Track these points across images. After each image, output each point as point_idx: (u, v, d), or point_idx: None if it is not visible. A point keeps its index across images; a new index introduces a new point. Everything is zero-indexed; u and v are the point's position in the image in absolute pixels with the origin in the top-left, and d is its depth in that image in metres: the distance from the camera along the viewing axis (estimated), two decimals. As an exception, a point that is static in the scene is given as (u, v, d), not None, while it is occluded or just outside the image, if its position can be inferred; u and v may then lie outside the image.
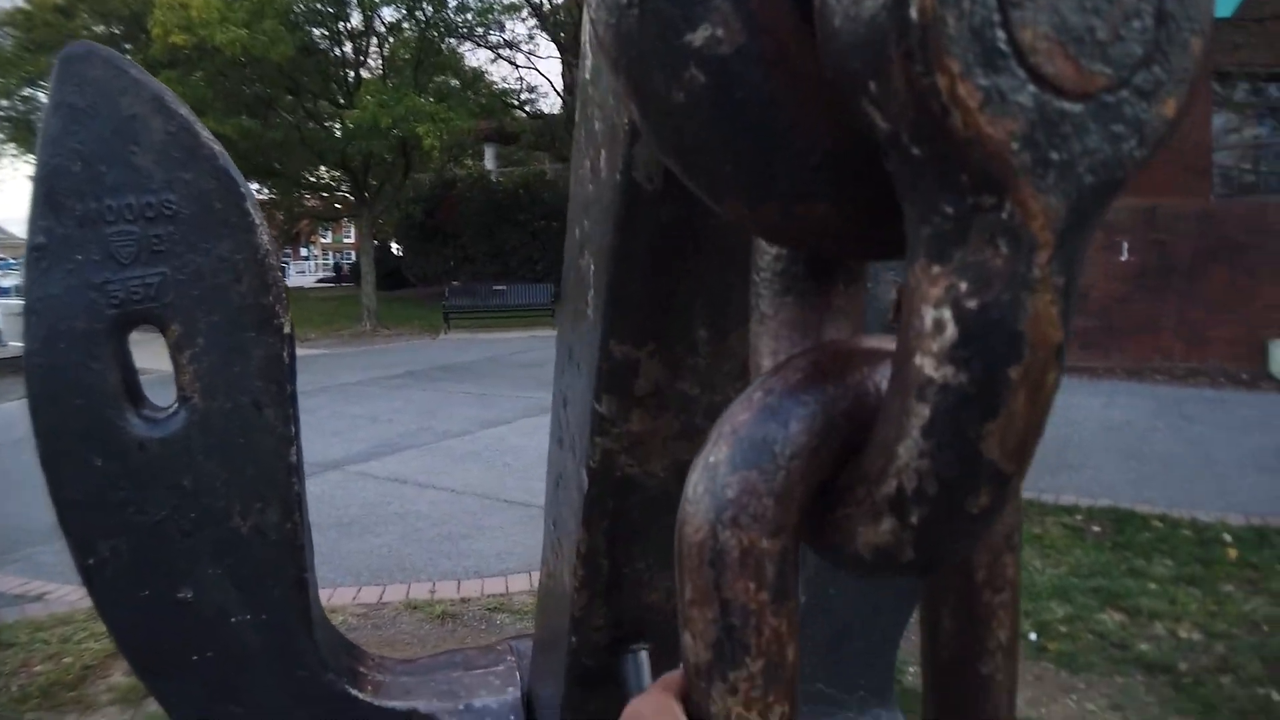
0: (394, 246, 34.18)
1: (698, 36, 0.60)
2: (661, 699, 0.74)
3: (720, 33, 0.60)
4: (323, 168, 25.65)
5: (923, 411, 0.57)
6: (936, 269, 0.54)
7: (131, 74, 1.94)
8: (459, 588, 5.27)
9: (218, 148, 2.08)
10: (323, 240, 58.89)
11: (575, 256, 1.53)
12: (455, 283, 22.23)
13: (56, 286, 2.08)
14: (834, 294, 0.79)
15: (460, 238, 26.36)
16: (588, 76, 1.27)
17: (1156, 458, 8.28)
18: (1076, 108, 0.50)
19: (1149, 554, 5.78)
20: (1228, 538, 6.04)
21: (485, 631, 4.63)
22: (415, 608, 4.92)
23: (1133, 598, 5.05)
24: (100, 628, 4.03)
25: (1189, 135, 12.13)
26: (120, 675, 3.91)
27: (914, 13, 0.47)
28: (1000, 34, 0.48)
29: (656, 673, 2.01)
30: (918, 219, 0.55)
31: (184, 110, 2.02)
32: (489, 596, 5.13)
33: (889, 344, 0.70)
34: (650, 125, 0.68)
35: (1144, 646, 4.52)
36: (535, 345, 17.10)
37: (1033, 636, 4.65)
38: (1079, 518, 6.56)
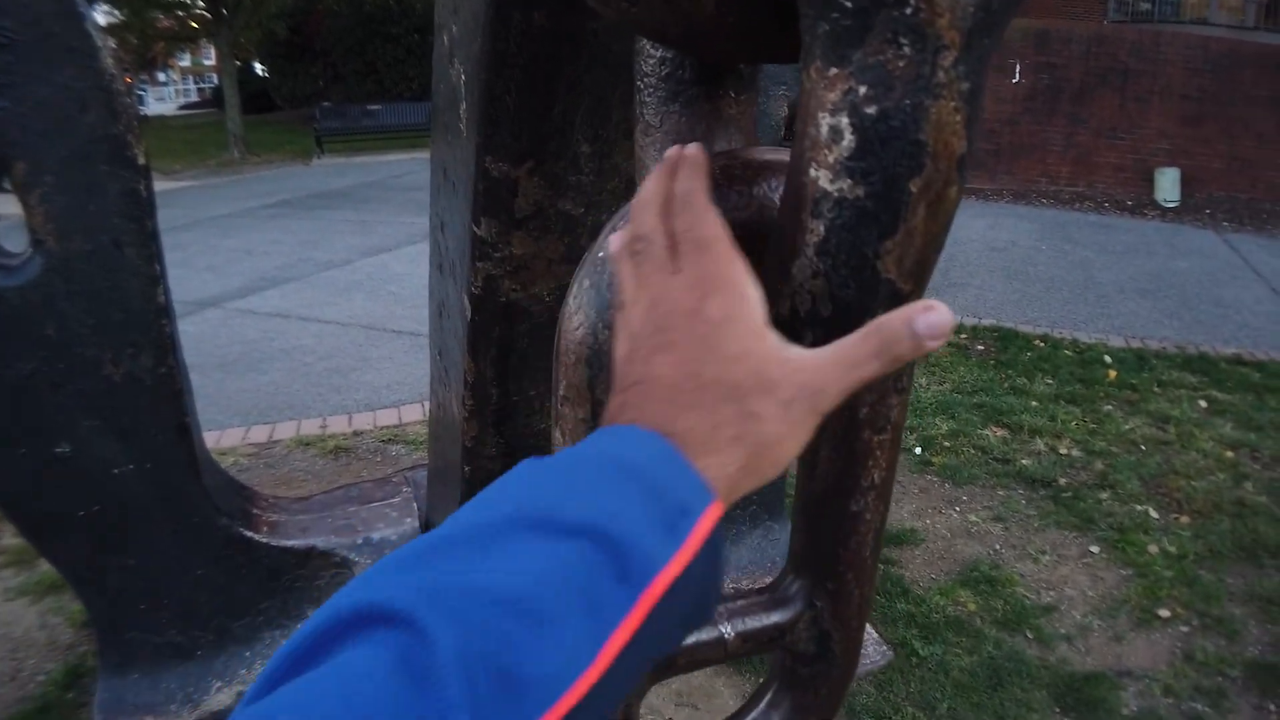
0: (258, 67, 32.28)
1: None
2: (730, 275, 0.54)
3: None
4: (175, -19, 23.79)
5: (818, 228, 0.52)
6: (833, 71, 0.48)
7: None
8: (351, 421, 5.19)
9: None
10: (181, 65, 55.19)
11: (445, 66, 1.40)
12: (326, 104, 21.16)
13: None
14: (724, 103, 0.73)
15: (329, 55, 25.07)
16: None
17: (1040, 279, 8.49)
18: None
19: (1031, 373, 5.99)
20: (1108, 359, 6.27)
21: (380, 464, 4.59)
22: (307, 444, 4.84)
23: (1015, 415, 5.24)
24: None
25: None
26: (10, 537, 3.79)
27: None
28: None
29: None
30: (814, 15, 0.48)
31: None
32: (382, 428, 5.08)
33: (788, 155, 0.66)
34: None
35: (1025, 462, 4.72)
36: (415, 168, 16.53)
37: (918, 450, 4.82)
38: (964, 336, 6.73)
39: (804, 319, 0.55)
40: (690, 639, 0.81)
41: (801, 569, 0.84)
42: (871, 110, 0.47)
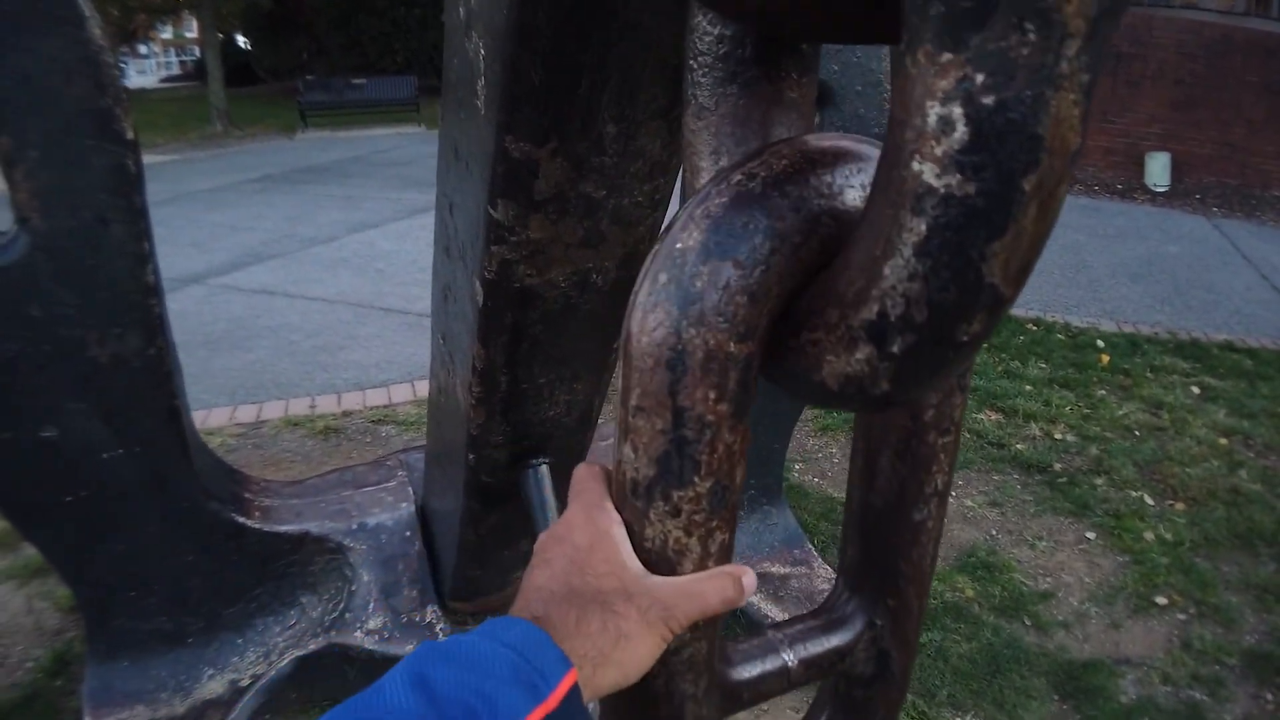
0: (240, 39, 31.95)
1: None
2: (598, 525, 0.67)
3: None
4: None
5: (918, 226, 0.47)
6: (947, 56, 0.43)
7: None
8: (340, 401, 5.13)
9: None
10: (162, 37, 54.58)
11: (460, 38, 1.31)
12: (310, 77, 20.93)
13: None
14: (786, 84, 0.67)
15: (313, 27, 24.85)
16: None
17: None
18: None
19: (1024, 356, 5.97)
20: (1100, 343, 6.26)
21: (371, 445, 4.53)
22: (296, 424, 4.77)
23: (1009, 399, 5.23)
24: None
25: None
26: (-6, 522, 3.73)
27: None
28: None
29: (557, 487, 1.98)
30: None
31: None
32: (372, 408, 5.02)
33: (873, 146, 0.59)
34: None
35: (1020, 446, 4.70)
36: (401, 143, 16.41)
37: (913, 433, 4.80)
38: (957, 320, 6.70)
39: (894, 324, 0.50)
40: (756, 670, 0.76)
41: (859, 585, 0.79)
42: (989, 100, 0.42)
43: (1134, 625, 3.36)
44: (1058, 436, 4.85)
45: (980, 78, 0.42)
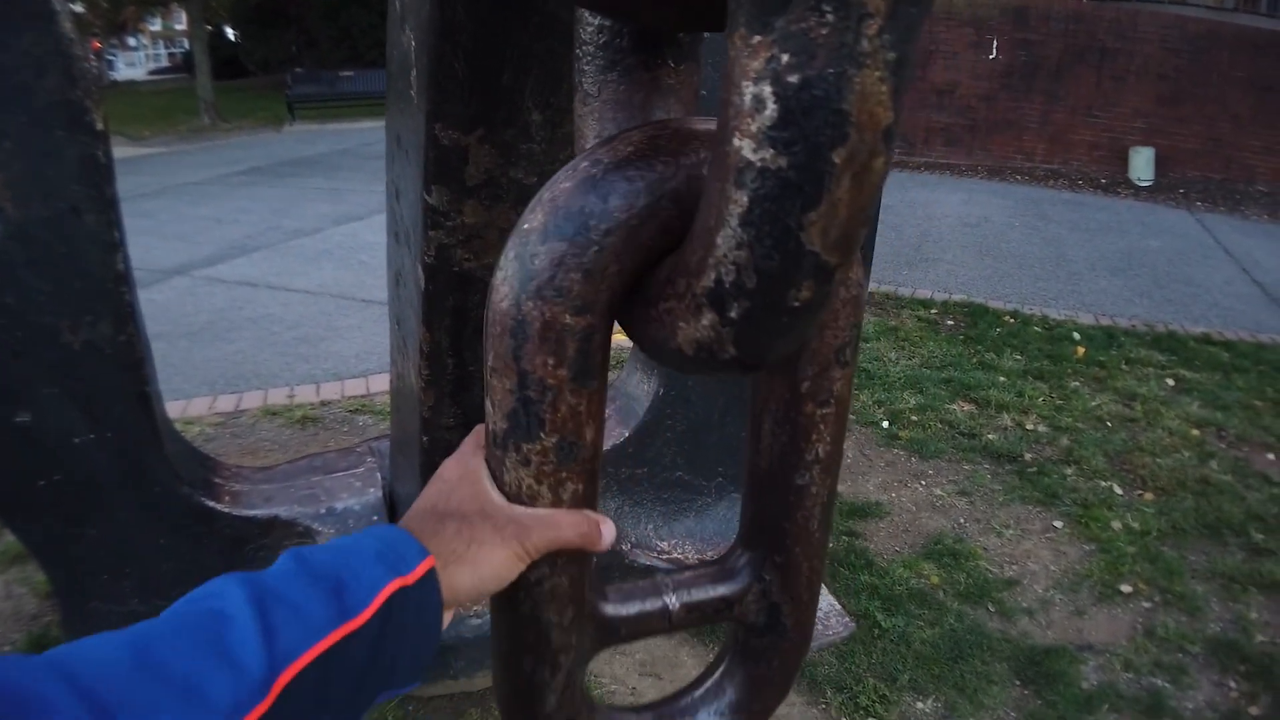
0: (228, 31, 31.88)
1: None
2: (468, 464, 0.76)
3: None
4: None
5: (741, 198, 0.52)
6: (756, 39, 0.47)
7: None
8: (318, 391, 5.18)
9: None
10: (151, 29, 54.42)
11: (397, 32, 1.42)
12: (298, 69, 20.92)
13: None
14: (663, 72, 0.73)
15: (302, 20, 24.82)
16: None
17: (1012, 255, 8.55)
18: None
19: (1000, 349, 6.03)
20: (1076, 336, 6.33)
21: (348, 434, 4.57)
22: (274, 414, 4.82)
23: (982, 390, 5.28)
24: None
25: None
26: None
27: None
28: None
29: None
30: None
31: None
32: (350, 398, 5.07)
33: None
34: None
35: (991, 436, 4.76)
36: (389, 137, 16.47)
37: (885, 424, 4.86)
38: (934, 311, 6.77)
39: (729, 290, 0.54)
40: (635, 608, 0.82)
41: (750, 542, 0.84)
42: (794, 79, 0.46)
43: (1098, 613, 3.42)
44: (1029, 427, 4.90)
45: (785, 57, 0.46)
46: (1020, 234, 9.41)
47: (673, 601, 0.82)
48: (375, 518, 2.79)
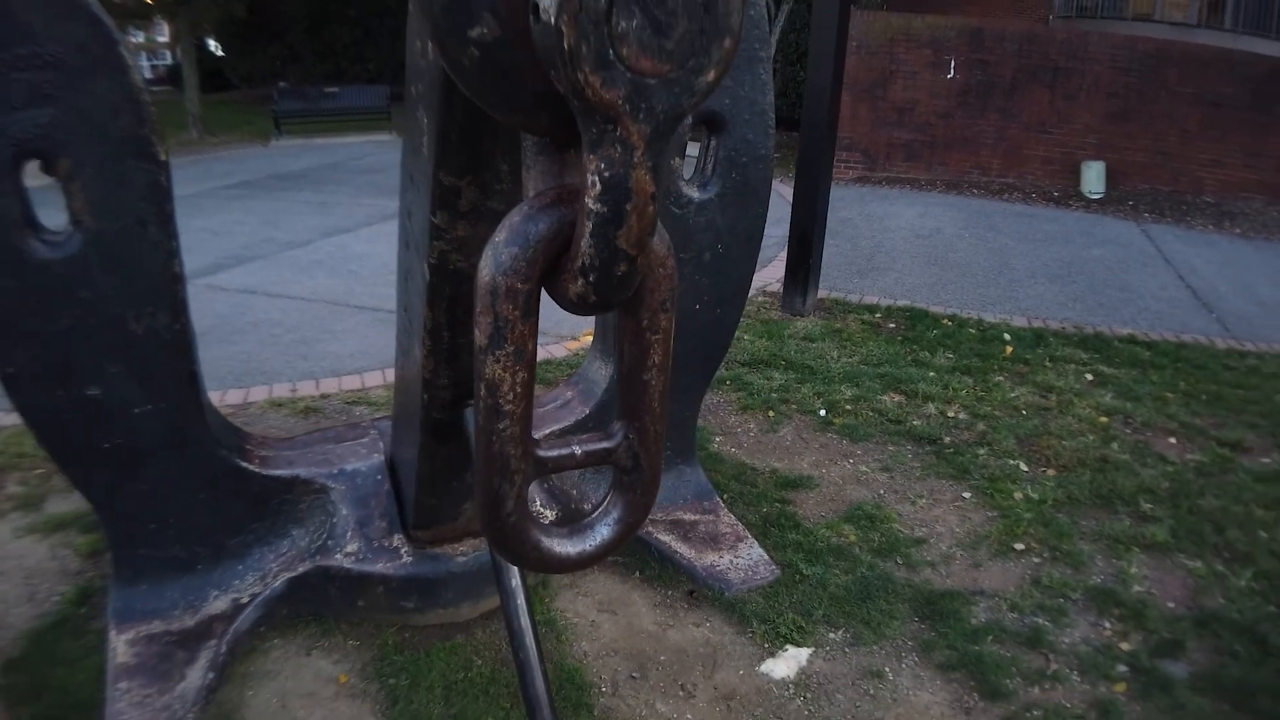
0: (211, 44, 32.14)
1: (475, 31, 1.10)
2: None
3: (487, 30, 1.10)
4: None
5: (589, 225, 1.11)
6: (591, 156, 1.07)
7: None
8: (318, 386, 5.66)
9: (89, -4, 2.38)
10: (134, 40, 54.48)
11: (413, 108, 2.08)
12: (283, 84, 21.30)
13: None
14: (569, 156, 1.29)
15: (287, 35, 25.02)
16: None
17: (957, 264, 8.97)
18: (653, 82, 1.01)
19: (934, 348, 6.52)
20: (1007, 336, 6.80)
21: (347, 421, 5.10)
22: (279, 405, 5.31)
23: (913, 383, 5.80)
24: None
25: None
26: (15, 486, 4.24)
27: (565, 44, 0.96)
28: (610, 51, 0.97)
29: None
30: (581, 130, 1.06)
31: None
32: (347, 392, 5.55)
33: None
34: (451, 71, 1.17)
35: (916, 423, 5.29)
36: (373, 150, 16.79)
37: (822, 413, 5.38)
38: (878, 315, 7.24)
39: (588, 268, 1.11)
40: (557, 452, 1.36)
41: (622, 415, 1.40)
42: (607, 173, 1.03)
43: (992, 565, 3.94)
44: (951, 415, 5.41)
45: (602, 165, 1.04)
46: (968, 244, 9.80)
47: (578, 450, 1.38)
48: (379, 478, 3.34)
